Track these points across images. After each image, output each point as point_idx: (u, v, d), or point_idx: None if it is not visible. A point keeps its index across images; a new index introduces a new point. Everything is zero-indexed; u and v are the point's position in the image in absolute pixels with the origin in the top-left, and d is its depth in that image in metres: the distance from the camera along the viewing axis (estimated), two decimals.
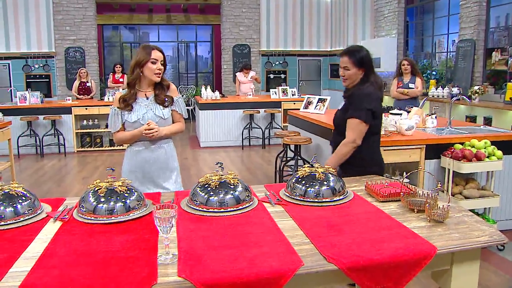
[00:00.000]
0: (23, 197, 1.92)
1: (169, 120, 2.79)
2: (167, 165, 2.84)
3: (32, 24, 10.71)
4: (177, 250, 1.53)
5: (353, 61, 2.71)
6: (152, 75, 2.66)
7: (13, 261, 1.47)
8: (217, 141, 8.64)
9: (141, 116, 2.69)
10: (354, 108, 2.71)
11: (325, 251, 1.52)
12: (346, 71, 2.75)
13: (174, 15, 12.35)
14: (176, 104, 2.82)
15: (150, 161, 2.78)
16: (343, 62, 2.75)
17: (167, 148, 2.85)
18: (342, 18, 11.35)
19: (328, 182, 2.11)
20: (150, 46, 2.70)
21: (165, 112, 2.76)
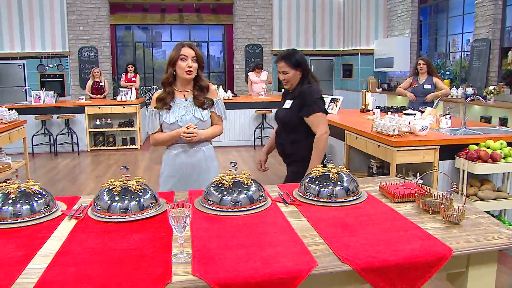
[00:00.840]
0: (39, 195, 1.94)
1: (208, 122, 2.69)
2: (207, 169, 2.72)
3: (46, 24, 10.82)
4: (191, 249, 1.53)
5: (289, 64, 2.93)
6: (183, 73, 2.56)
7: (30, 258, 1.49)
8: (229, 140, 8.66)
9: (179, 118, 2.60)
10: (311, 104, 2.91)
11: (340, 251, 1.51)
12: (286, 75, 2.95)
13: (187, 15, 12.40)
14: (216, 106, 2.72)
15: (189, 165, 2.68)
16: (280, 67, 2.94)
17: (206, 151, 2.74)
18: (355, 18, 11.29)
19: (342, 182, 2.10)
20: (181, 43, 2.61)
21: (204, 114, 2.66)
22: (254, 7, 11.67)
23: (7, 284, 1.31)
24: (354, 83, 11.42)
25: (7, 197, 1.88)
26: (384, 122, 3.87)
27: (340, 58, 12.12)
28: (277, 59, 2.98)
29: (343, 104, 5.68)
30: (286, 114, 3.02)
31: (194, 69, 2.57)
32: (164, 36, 13.81)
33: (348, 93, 10.99)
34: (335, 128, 4.92)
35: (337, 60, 12.21)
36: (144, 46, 13.64)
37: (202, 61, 2.63)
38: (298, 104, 2.95)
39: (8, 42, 10.69)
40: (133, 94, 8.87)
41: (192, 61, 2.55)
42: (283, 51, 3.02)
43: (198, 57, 2.59)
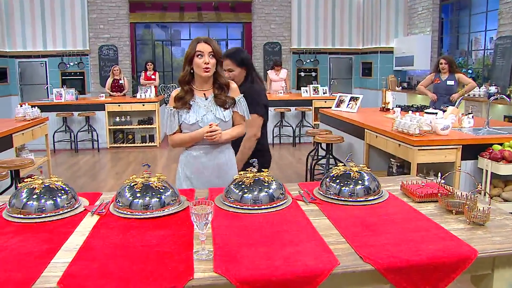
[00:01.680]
0: (62, 191, 1.97)
1: (230, 122, 2.54)
2: (227, 172, 2.56)
3: (67, 23, 10.97)
4: (212, 246, 1.54)
5: (235, 62, 2.87)
6: (200, 70, 2.40)
7: (54, 252, 1.51)
8: None
9: (200, 118, 2.45)
10: (249, 105, 2.69)
11: (361, 251, 1.50)
12: (231, 73, 2.88)
13: (205, 13, 12.43)
14: (238, 105, 2.55)
15: (209, 167, 2.54)
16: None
17: (228, 153, 2.61)
18: (375, 15, 11.17)
19: (363, 181, 2.08)
20: (196, 39, 2.46)
21: (226, 114, 2.50)
22: (273, 5, 11.64)
23: (33, 277, 1.33)
24: (373, 82, 11.32)
25: (32, 192, 1.91)
26: (405, 121, 3.83)
27: (359, 56, 12.01)
28: (222, 56, 2.67)
29: (362, 103, 5.63)
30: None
31: (212, 66, 2.40)
32: (183, 34, 13.88)
33: (367, 92, 10.88)
34: (354, 126, 4.90)
35: (356, 59, 12.10)
36: (163, 44, 13.73)
37: (220, 56, 2.47)
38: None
39: (31, 41, 10.88)
40: (152, 92, 8.95)
41: (209, 57, 2.39)
42: (228, 49, 2.94)
43: (216, 52, 2.41)
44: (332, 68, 12.06)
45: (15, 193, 1.95)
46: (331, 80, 11.42)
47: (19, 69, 10.92)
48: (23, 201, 1.88)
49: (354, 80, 12.22)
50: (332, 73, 12.04)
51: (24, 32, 10.81)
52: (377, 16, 11.06)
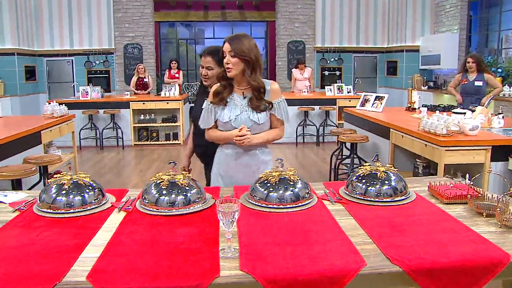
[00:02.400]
0: (90, 187, 2.01)
1: (265, 125, 2.45)
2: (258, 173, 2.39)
3: (93, 22, 11.16)
4: (238, 244, 1.54)
5: (217, 61, 2.69)
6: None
7: (83, 247, 1.54)
8: None
9: (233, 118, 2.41)
10: None
11: (389, 252, 1.48)
12: (210, 71, 2.75)
13: (229, 12, 12.48)
14: (277, 108, 2.45)
15: (240, 168, 2.50)
16: (206, 62, 2.74)
17: (261, 156, 2.53)
18: (400, 13, 11.00)
19: (390, 181, 2.05)
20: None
21: (261, 116, 2.41)
22: (297, 4, 11.59)
23: (63, 271, 1.36)
24: (398, 81, 11.15)
25: (61, 188, 1.95)
26: (432, 121, 3.76)
27: (384, 55, 11.85)
28: (204, 53, 2.73)
29: (387, 102, 5.56)
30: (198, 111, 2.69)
31: (233, 65, 2.33)
32: (207, 32, 13.96)
33: (392, 91, 10.74)
34: (379, 126, 4.84)
35: (381, 57, 11.95)
36: (187, 43, 13.83)
37: (243, 55, 2.33)
38: None
39: (58, 40, 11.10)
40: (176, 90, 9.02)
41: (230, 56, 2.33)
42: (210, 46, 2.79)
43: (236, 51, 2.32)
44: (356, 67, 11.94)
45: (45, 189, 1.99)
46: (355, 79, 11.32)
47: (47, 67, 11.16)
48: (53, 197, 1.92)
49: (379, 79, 12.08)
50: (356, 72, 11.93)
51: (52, 31, 11.04)
52: (403, 14, 10.90)
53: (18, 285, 1.29)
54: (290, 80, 10.24)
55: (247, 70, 2.36)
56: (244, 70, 2.36)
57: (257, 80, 2.38)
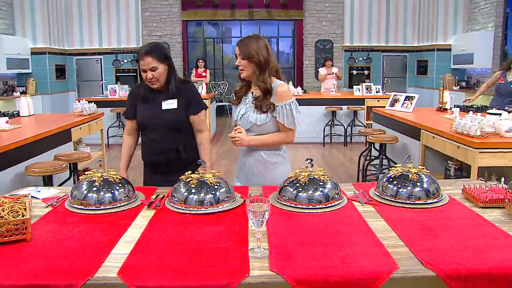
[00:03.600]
0: (120, 184, 2.03)
1: (266, 127, 2.41)
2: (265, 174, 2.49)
3: (122, 21, 11.34)
4: (267, 244, 1.52)
5: (159, 58, 2.51)
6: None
7: (114, 243, 1.56)
8: (298, 137, 8.51)
9: (239, 117, 2.46)
10: (199, 100, 2.70)
11: (422, 255, 1.44)
12: (155, 71, 2.51)
13: (257, 11, 12.48)
14: (279, 112, 2.38)
15: (245, 168, 2.54)
16: (147, 63, 2.48)
17: (266, 157, 2.48)
18: (432, 11, 10.77)
19: (422, 183, 2.00)
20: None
21: (261, 117, 2.39)
22: (325, 2, 11.49)
23: (95, 266, 1.37)
24: (429, 80, 10.93)
25: (92, 185, 1.98)
26: (465, 122, 3.66)
27: (414, 54, 11.63)
28: (140, 56, 2.49)
29: (417, 103, 5.44)
30: (174, 114, 2.60)
31: (244, 67, 2.37)
32: (234, 31, 14.00)
33: (422, 91, 10.53)
34: (409, 127, 4.75)
35: (411, 56, 11.73)
36: (214, 42, 13.90)
37: (251, 57, 2.34)
38: (184, 102, 2.62)
39: (88, 39, 11.32)
40: (203, 89, 9.07)
41: (240, 59, 2.37)
42: (144, 46, 2.55)
43: (244, 53, 2.34)
44: (385, 66, 11.76)
45: (77, 185, 2.03)
46: (384, 78, 11.15)
47: (76, 66, 11.41)
48: (84, 193, 1.95)
49: (408, 79, 11.86)
50: (385, 71, 11.75)
51: (81, 30, 11.27)
52: (434, 12, 10.66)
53: (53, 278, 1.32)
54: (317, 79, 10.16)
55: (256, 71, 2.37)
56: (255, 71, 2.38)
57: (264, 80, 2.36)
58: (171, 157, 2.63)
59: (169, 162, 2.63)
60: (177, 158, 2.63)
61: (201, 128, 2.70)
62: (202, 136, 2.70)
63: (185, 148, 2.65)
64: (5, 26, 9.72)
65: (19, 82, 9.97)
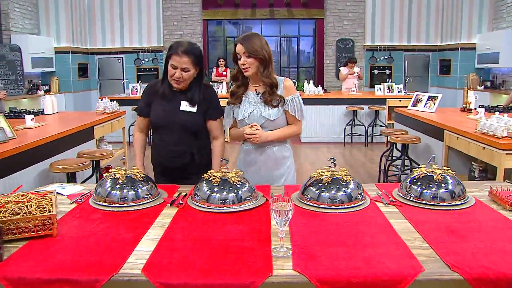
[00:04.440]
0: (143, 182, 2.05)
1: (278, 122, 2.45)
2: (276, 170, 2.53)
3: (143, 21, 11.46)
4: (290, 244, 1.52)
5: (195, 62, 2.43)
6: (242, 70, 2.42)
7: (138, 241, 1.57)
8: (318, 136, 8.56)
9: (247, 115, 2.45)
10: (218, 106, 2.62)
11: (448, 258, 1.41)
12: (186, 73, 2.43)
13: (277, 10, 12.43)
14: (289, 104, 2.44)
15: (259, 164, 2.52)
16: (183, 62, 2.38)
17: (277, 152, 2.52)
18: (456, 9, 10.58)
19: (447, 184, 1.97)
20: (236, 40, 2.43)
21: (273, 112, 2.42)
22: (346, 1, 11.42)
23: (120, 262, 1.39)
24: (452, 80, 10.74)
25: (116, 182, 2.00)
26: (491, 123, 3.58)
27: (437, 53, 11.45)
28: (178, 52, 2.38)
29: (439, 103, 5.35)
30: (192, 117, 2.53)
31: (249, 65, 2.36)
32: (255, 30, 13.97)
33: (445, 91, 10.35)
34: (432, 127, 4.68)
35: (433, 56, 11.55)
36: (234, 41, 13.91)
37: (257, 54, 2.35)
38: (204, 107, 2.55)
39: (110, 38, 11.49)
40: (224, 88, 9.10)
41: (245, 57, 2.36)
42: (184, 45, 2.43)
43: (250, 51, 2.34)
44: (407, 65, 11.61)
45: (101, 182, 2.05)
46: (406, 78, 11.01)
47: (98, 65, 11.57)
48: (108, 190, 1.98)
49: (431, 79, 11.69)
50: (407, 71, 11.59)
51: (104, 30, 11.44)
52: (458, 10, 10.47)
53: (79, 273, 1.34)
54: (338, 79, 10.09)
55: (261, 68, 2.39)
56: (258, 68, 2.39)
57: (269, 76, 2.40)
58: (185, 161, 2.55)
59: (182, 166, 2.55)
60: (191, 162, 2.56)
61: (218, 134, 2.63)
62: (217, 143, 2.63)
63: (199, 152, 2.59)
64: (30, 26, 9.93)
65: (43, 80, 10.18)
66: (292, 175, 2.60)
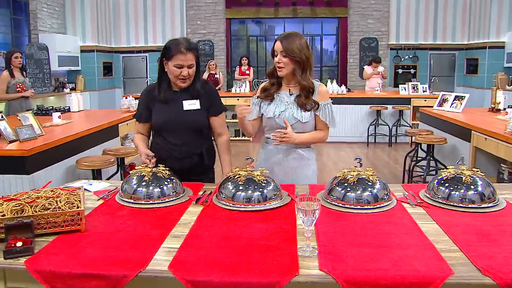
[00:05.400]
0: (168, 180, 2.06)
1: (308, 125, 2.41)
2: (300, 173, 2.48)
3: (167, 19, 11.55)
4: (316, 244, 1.51)
5: (196, 56, 2.40)
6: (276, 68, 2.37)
7: (164, 238, 1.59)
8: (341, 136, 8.48)
9: (278, 114, 2.39)
10: (220, 101, 2.58)
11: (479, 262, 1.38)
12: (191, 69, 2.38)
13: (300, 8, 12.38)
14: (322, 110, 2.40)
15: (281, 166, 2.46)
16: (189, 60, 2.34)
17: (303, 154, 2.49)
18: (484, 7, 10.33)
19: (476, 186, 1.93)
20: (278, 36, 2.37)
21: (305, 115, 2.38)
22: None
23: (147, 259, 1.41)
24: (479, 80, 10.51)
25: (142, 179, 2.02)
26: None
27: (463, 52, 11.21)
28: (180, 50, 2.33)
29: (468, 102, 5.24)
30: (197, 115, 2.48)
31: (284, 64, 2.32)
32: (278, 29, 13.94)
33: (472, 90, 10.12)
34: (459, 127, 4.59)
35: (460, 55, 11.31)
36: (258, 40, 13.91)
37: (293, 55, 2.29)
38: (206, 103, 2.50)
39: (134, 37, 11.61)
40: (247, 86, 9.11)
41: (281, 56, 2.32)
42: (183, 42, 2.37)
43: (288, 51, 2.29)
44: (432, 64, 11.40)
45: (127, 179, 2.08)
46: (431, 77, 10.81)
47: (122, 63, 11.72)
48: (134, 187, 2.00)
49: (457, 78, 11.45)
50: (432, 70, 11.39)
51: (128, 29, 11.57)
52: (487, 7, 10.22)
53: (108, 268, 1.36)
54: (361, 78, 9.98)
55: (298, 70, 2.34)
56: (295, 69, 2.34)
57: (307, 80, 2.35)
58: (194, 162, 2.49)
59: (191, 167, 2.48)
60: (200, 163, 2.52)
61: (222, 131, 2.59)
62: (222, 140, 2.60)
63: (207, 152, 2.55)
64: (57, 26, 10.13)
65: (69, 79, 10.37)
66: (314, 179, 2.54)
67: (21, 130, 3.44)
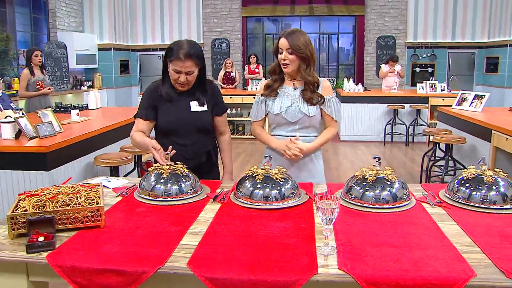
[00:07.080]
0: (187, 177, 2.07)
1: (315, 119, 2.42)
2: (310, 175, 2.46)
3: (183, 18, 11.60)
4: (335, 243, 1.50)
5: (198, 63, 2.32)
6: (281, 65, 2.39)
7: (182, 235, 1.59)
8: (358, 135, 8.43)
9: (284, 109, 2.39)
10: (222, 101, 2.59)
11: (502, 264, 1.35)
12: (191, 75, 2.33)
13: (317, 6, 12.31)
14: (327, 105, 2.42)
15: (291, 168, 2.42)
16: (187, 67, 2.27)
17: (314, 156, 2.49)
18: (505, 3, 10.11)
19: (498, 187, 1.89)
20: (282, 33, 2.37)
21: (312, 109, 2.39)
22: None
23: (166, 256, 1.41)
24: (499, 78, 10.33)
25: (160, 176, 2.03)
26: None
27: (483, 50, 11.03)
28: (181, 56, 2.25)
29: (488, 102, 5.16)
30: (205, 116, 2.47)
31: (290, 61, 2.32)
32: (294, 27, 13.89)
33: (491, 89, 9.96)
34: (479, 127, 4.51)
35: (479, 53, 11.13)
36: (274, 38, 13.88)
37: (300, 52, 2.30)
38: (210, 103, 2.49)
39: (150, 35, 11.70)
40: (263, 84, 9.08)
41: (287, 53, 2.32)
42: (185, 47, 2.27)
43: (294, 48, 2.29)
44: (451, 63, 11.25)
45: (145, 176, 2.09)
46: (449, 76, 10.67)
47: (139, 61, 11.81)
48: (152, 184, 2.01)
49: (476, 77, 11.27)
50: (450, 69, 11.23)
51: (144, 27, 11.66)
52: (509, 4, 10.02)
53: (127, 264, 1.37)
54: (378, 77, 9.89)
55: (303, 66, 2.36)
56: (300, 65, 2.36)
57: (312, 75, 2.38)
58: (202, 161, 2.50)
59: (199, 165, 2.46)
60: (208, 161, 2.55)
61: (224, 130, 2.63)
62: (224, 138, 2.65)
63: (214, 150, 2.59)
64: (75, 24, 10.25)
65: (86, 76, 10.49)
66: (321, 177, 2.52)
67: (41, 127, 3.49)
